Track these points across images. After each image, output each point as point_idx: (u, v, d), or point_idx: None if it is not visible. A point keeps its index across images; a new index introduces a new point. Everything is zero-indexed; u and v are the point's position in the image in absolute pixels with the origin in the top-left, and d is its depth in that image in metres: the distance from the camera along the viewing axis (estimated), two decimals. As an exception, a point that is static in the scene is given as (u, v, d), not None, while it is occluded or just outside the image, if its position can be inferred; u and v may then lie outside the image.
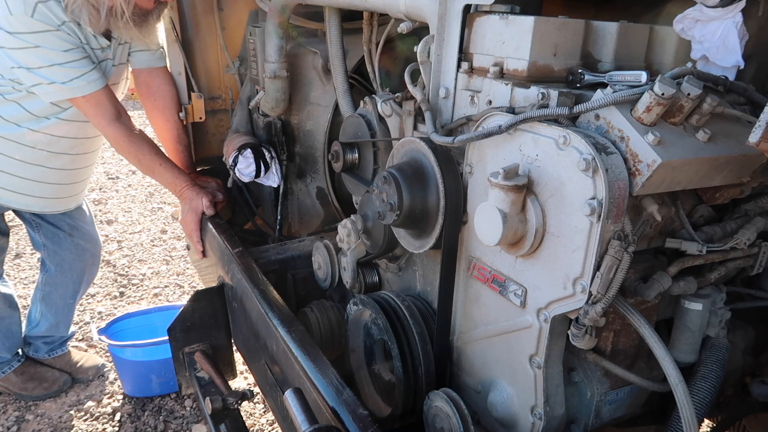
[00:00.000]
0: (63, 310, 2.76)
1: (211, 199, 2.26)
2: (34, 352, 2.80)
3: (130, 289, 3.80)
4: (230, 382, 1.93)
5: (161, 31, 2.51)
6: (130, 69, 2.42)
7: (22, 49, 1.91)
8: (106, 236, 4.53)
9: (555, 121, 1.02)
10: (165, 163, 2.27)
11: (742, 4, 1.10)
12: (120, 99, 2.40)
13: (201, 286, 2.21)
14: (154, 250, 4.36)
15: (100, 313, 3.49)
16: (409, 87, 1.35)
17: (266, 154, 2.19)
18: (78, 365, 2.89)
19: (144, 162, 2.24)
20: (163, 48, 2.44)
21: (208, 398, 1.74)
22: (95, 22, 1.96)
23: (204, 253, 2.29)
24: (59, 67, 1.96)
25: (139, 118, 7.46)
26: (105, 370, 2.96)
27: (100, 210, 5.02)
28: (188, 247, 2.57)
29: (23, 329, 2.76)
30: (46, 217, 2.51)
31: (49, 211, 2.46)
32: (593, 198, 0.93)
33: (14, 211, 2.47)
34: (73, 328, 2.94)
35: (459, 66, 1.25)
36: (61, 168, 2.33)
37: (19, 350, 2.76)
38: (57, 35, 1.93)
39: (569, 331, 1.06)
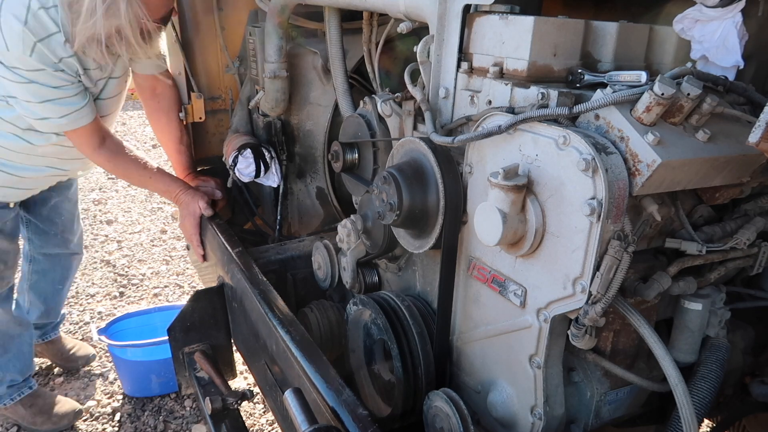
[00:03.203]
0: (53, 296, 2.76)
1: (208, 200, 2.26)
2: None
3: (129, 289, 3.80)
4: (230, 382, 1.93)
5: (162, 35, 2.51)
6: (131, 72, 2.41)
7: (17, 83, 1.89)
8: (106, 236, 4.53)
9: (555, 121, 1.02)
10: (155, 175, 2.26)
11: (741, 4, 1.10)
12: (121, 105, 2.40)
13: (201, 286, 2.21)
14: (153, 250, 4.36)
15: (100, 313, 3.49)
16: (409, 87, 1.35)
17: (266, 154, 2.19)
18: (70, 352, 2.92)
19: (134, 178, 2.27)
20: (164, 53, 2.44)
21: (208, 398, 1.74)
22: (102, 57, 1.93)
23: (204, 257, 2.29)
24: (50, 104, 1.93)
25: (138, 118, 7.49)
26: (94, 360, 3.01)
27: (100, 210, 5.02)
28: (188, 248, 2.57)
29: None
30: (34, 215, 2.51)
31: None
32: (593, 198, 0.93)
33: None
34: (64, 310, 2.96)
35: (459, 66, 1.25)
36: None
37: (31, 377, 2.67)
38: (52, 74, 1.89)
39: (569, 331, 1.06)
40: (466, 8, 1.21)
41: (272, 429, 2.66)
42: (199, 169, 2.65)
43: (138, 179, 2.27)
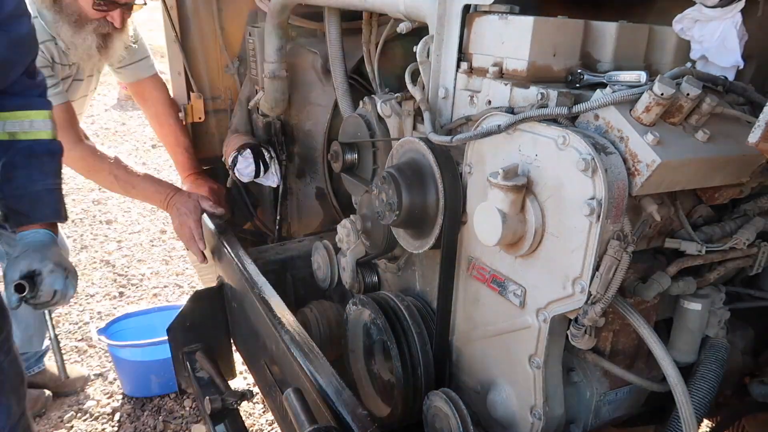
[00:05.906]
0: (35, 322, 2.49)
1: (210, 200, 2.25)
2: None
3: (129, 289, 3.80)
4: (230, 382, 1.93)
5: (161, 30, 2.51)
6: (121, 80, 2.42)
7: None
8: (106, 236, 4.53)
9: (554, 121, 1.02)
10: (140, 178, 2.21)
11: (741, 4, 1.10)
12: (88, 106, 2.38)
13: (200, 286, 2.21)
14: (153, 250, 4.36)
15: (99, 313, 3.49)
16: (409, 87, 1.35)
17: (265, 154, 2.19)
18: (62, 379, 2.70)
19: (120, 177, 2.20)
20: (150, 56, 2.44)
21: (207, 398, 1.74)
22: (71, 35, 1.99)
23: (204, 258, 2.27)
24: None
25: (138, 118, 7.48)
26: (92, 379, 2.90)
27: (99, 210, 5.01)
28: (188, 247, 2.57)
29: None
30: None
31: None
32: (592, 198, 0.93)
33: None
34: (46, 342, 2.67)
35: (458, 66, 1.25)
36: None
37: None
38: None
39: (568, 331, 1.06)
40: (466, 8, 1.21)
41: (272, 429, 2.66)
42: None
43: (125, 179, 2.19)
